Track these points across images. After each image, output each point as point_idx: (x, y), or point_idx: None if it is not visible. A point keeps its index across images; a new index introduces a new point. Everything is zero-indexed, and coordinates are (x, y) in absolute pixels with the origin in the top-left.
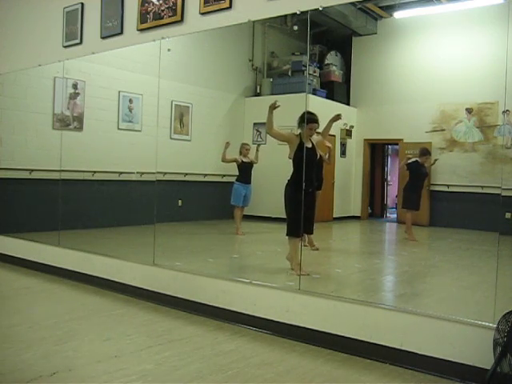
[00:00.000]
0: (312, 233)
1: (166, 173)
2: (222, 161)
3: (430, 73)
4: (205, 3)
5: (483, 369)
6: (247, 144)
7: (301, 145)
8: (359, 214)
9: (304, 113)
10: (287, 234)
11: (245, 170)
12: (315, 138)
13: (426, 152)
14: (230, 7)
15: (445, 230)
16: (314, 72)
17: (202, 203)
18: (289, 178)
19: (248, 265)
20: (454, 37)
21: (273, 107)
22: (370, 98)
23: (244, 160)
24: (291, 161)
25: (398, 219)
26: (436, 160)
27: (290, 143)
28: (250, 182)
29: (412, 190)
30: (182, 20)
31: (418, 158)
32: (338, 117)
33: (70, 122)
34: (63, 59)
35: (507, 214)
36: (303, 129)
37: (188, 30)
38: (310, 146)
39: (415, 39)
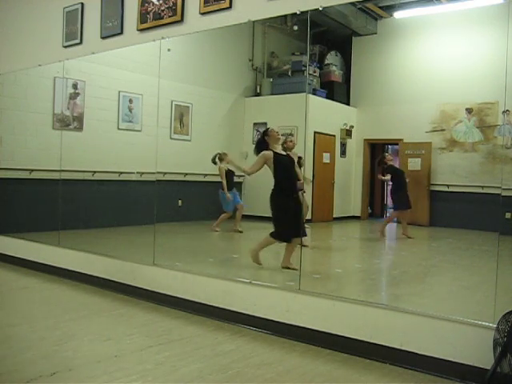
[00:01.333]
0: (306, 234)
1: (165, 173)
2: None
3: (430, 73)
4: (205, 3)
5: (483, 369)
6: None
7: (275, 155)
8: (359, 214)
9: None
10: (277, 238)
11: (229, 178)
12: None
13: (380, 159)
14: (230, 7)
15: (445, 230)
16: (314, 72)
17: (201, 203)
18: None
19: (248, 264)
20: (454, 37)
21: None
22: (370, 98)
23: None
24: None
25: (397, 219)
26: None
27: (268, 161)
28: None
29: (397, 191)
30: (182, 20)
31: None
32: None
33: (70, 121)
34: (63, 59)
35: (507, 213)
36: (269, 143)
37: (188, 30)
38: (284, 153)
39: (415, 39)
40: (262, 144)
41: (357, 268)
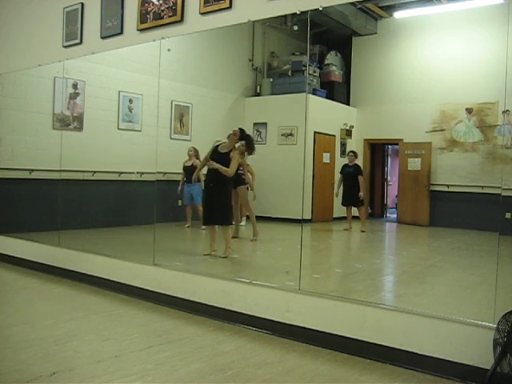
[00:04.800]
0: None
1: (166, 173)
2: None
3: (430, 73)
4: (205, 3)
5: (483, 369)
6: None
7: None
8: (357, 214)
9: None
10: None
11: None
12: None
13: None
14: (229, 7)
15: (445, 229)
16: (314, 72)
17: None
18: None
19: (248, 264)
20: (454, 37)
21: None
22: (370, 98)
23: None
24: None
25: (398, 219)
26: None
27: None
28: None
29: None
30: (181, 20)
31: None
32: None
33: (70, 122)
34: (63, 59)
35: (507, 213)
36: None
37: (188, 29)
38: (223, 151)
39: (415, 39)
40: None
41: (357, 268)
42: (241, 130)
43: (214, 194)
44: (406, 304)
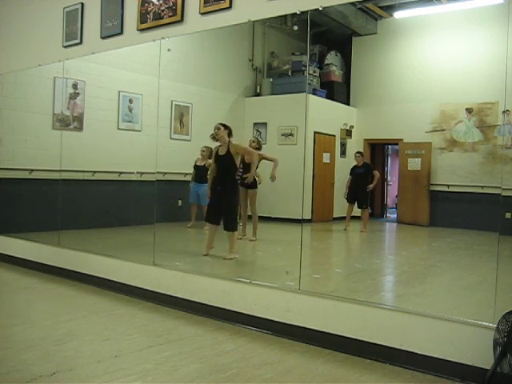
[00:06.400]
0: (224, 228)
1: (166, 173)
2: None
3: (430, 73)
4: (205, 3)
5: (483, 369)
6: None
7: (216, 154)
8: (359, 214)
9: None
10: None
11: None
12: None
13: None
14: (229, 7)
15: (445, 229)
16: (314, 72)
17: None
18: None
19: (248, 264)
20: (454, 37)
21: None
22: (370, 98)
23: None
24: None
25: (398, 219)
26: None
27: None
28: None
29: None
30: (181, 20)
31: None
32: None
33: (70, 122)
34: (63, 59)
35: (507, 213)
36: None
37: (188, 29)
38: (222, 153)
39: (415, 39)
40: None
41: (357, 268)
42: (220, 124)
43: (222, 197)
44: (406, 304)
